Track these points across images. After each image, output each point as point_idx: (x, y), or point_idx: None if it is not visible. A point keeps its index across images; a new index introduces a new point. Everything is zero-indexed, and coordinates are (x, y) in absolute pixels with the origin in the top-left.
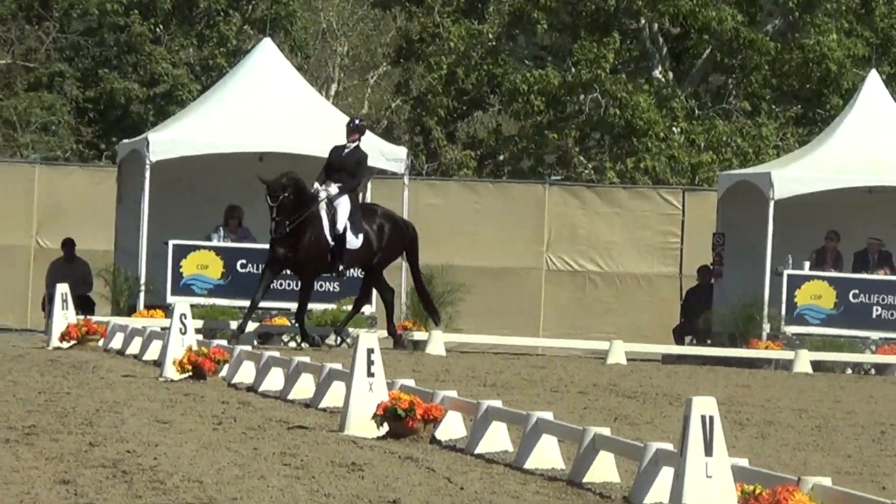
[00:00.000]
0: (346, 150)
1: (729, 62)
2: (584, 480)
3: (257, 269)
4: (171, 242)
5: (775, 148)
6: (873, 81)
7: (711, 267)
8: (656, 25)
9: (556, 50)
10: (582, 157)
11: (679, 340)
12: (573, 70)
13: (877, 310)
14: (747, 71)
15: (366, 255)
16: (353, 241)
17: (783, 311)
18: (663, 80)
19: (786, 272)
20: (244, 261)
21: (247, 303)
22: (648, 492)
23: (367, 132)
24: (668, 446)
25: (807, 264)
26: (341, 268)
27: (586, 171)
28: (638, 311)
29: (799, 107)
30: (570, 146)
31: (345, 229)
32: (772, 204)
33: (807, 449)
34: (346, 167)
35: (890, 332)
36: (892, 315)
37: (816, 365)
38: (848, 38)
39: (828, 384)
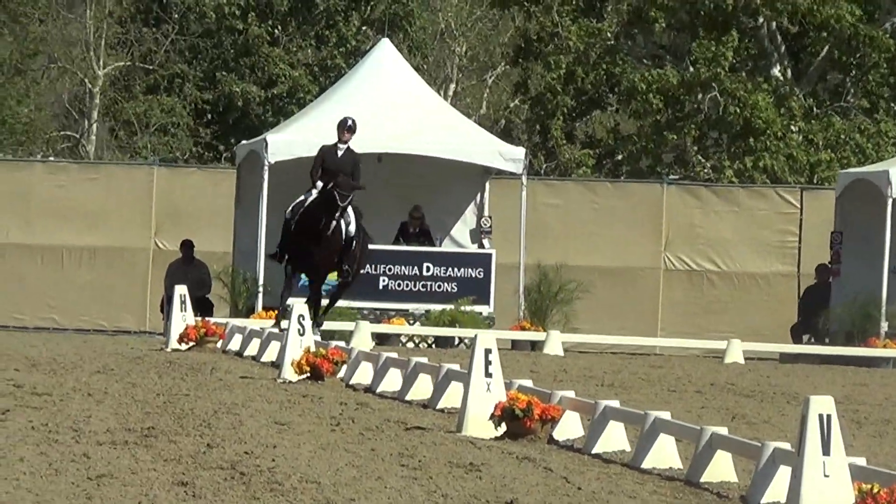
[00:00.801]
0: (341, 152)
1: (847, 60)
2: (702, 480)
3: (375, 269)
4: None
5: (894, 145)
6: None
7: (829, 265)
8: (774, 23)
9: (674, 49)
10: (700, 157)
11: (797, 339)
12: (691, 69)
13: None
14: (865, 69)
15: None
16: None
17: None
18: (781, 78)
19: None
20: None
21: (367, 304)
22: (766, 491)
23: (486, 132)
24: (786, 445)
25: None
26: (346, 269)
27: (704, 171)
28: (755, 310)
29: None
30: (689, 145)
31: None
32: (890, 202)
33: None
34: (343, 170)
35: None
36: None
37: None
38: None
39: None
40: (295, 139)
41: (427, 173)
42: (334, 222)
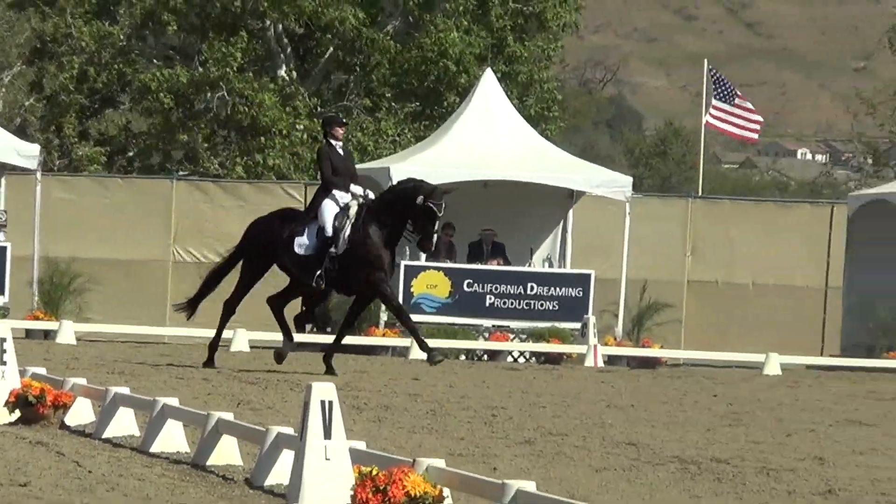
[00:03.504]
0: (340, 150)
1: (350, 61)
2: (208, 463)
3: None
4: None
5: (393, 143)
6: (489, 79)
7: None
8: (281, 26)
9: (184, 50)
10: (209, 154)
11: (300, 328)
12: (201, 69)
13: (490, 298)
14: (368, 69)
15: None
16: None
17: (400, 300)
18: (287, 78)
19: (403, 262)
20: None
21: None
22: (269, 473)
23: (2, 129)
24: (289, 430)
25: (423, 255)
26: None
27: (213, 167)
28: (262, 301)
29: (417, 104)
30: (199, 142)
31: None
32: None
33: (421, 432)
34: (350, 169)
35: (502, 319)
36: (504, 303)
37: None
38: (466, 37)
39: (442, 370)
40: None
41: None
42: (436, 236)
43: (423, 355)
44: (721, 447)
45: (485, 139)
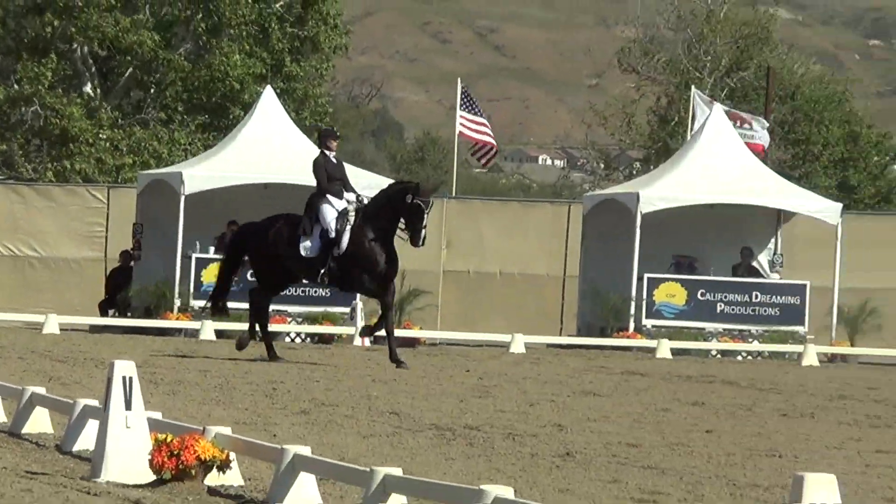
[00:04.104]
0: (334, 160)
1: (148, 79)
2: (23, 431)
3: None
4: None
5: (185, 151)
6: (269, 95)
7: (131, 251)
8: (86, 48)
9: (1, 69)
10: (24, 160)
11: (104, 313)
12: (16, 86)
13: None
14: (163, 87)
15: None
16: None
17: (191, 289)
18: (93, 94)
19: (193, 255)
20: None
21: None
22: (77, 440)
23: None
24: (94, 402)
25: (211, 249)
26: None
27: (27, 172)
28: (70, 289)
29: (206, 116)
30: (15, 151)
31: None
32: (182, 199)
33: (211, 403)
34: (343, 177)
35: (281, 305)
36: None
37: (220, 333)
38: (249, 58)
39: (229, 350)
40: None
41: None
42: (424, 231)
43: (213, 336)
44: (473, 416)
45: (265, 147)
